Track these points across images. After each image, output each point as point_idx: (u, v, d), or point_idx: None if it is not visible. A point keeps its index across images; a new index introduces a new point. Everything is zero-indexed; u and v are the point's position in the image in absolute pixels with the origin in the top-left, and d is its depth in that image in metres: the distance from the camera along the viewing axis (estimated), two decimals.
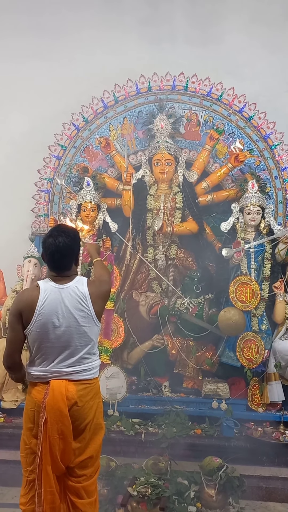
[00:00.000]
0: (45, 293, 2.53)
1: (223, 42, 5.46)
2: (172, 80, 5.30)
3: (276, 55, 5.50)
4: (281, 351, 4.55)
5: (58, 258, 2.58)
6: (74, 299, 2.54)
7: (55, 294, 2.53)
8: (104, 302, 2.70)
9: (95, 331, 2.61)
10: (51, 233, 2.63)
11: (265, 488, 3.91)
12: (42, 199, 5.39)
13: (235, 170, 5.15)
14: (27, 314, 2.51)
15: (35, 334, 2.51)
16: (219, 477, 3.66)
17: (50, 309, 2.50)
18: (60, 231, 2.63)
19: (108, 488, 3.68)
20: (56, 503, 2.46)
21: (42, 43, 5.71)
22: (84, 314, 2.54)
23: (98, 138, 5.32)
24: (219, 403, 4.49)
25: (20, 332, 2.55)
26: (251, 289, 4.59)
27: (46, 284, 2.58)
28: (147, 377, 4.82)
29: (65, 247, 2.57)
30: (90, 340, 2.57)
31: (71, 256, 2.63)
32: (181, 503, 3.60)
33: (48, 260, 2.62)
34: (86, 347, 2.56)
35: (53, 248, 2.57)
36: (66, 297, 2.53)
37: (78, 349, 2.53)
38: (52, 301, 2.52)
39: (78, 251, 2.71)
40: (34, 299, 2.51)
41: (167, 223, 4.93)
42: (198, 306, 4.85)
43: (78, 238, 2.70)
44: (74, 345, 2.53)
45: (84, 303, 2.54)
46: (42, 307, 2.50)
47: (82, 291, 2.56)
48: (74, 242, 2.64)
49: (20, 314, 2.53)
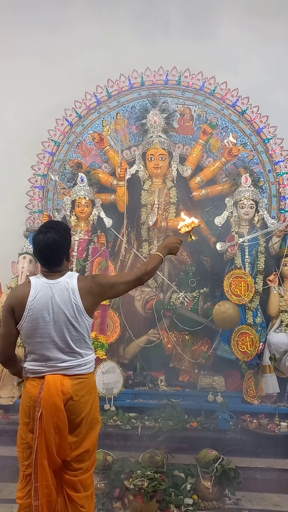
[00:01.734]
0: (36, 288, 2.54)
1: (215, 36, 5.46)
2: (165, 74, 5.29)
3: (268, 49, 5.50)
4: (275, 344, 4.58)
5: (48, 254, 2.59)
6: (64, 294, 2.54)
7: (46, 289, 2.55)
8: (94, 298, 2.64)
9: (86, 325, 2.60)
10: (40, 229, 2.63)
11: (260, 479, 3.95)
12: (36, 195, 5.38)
13: (228, 164, 5.16)
14: (19, 309, 2.53)
15: (27, 329, 2.53)
16: (215, 469, 3.69)
17: (40, 304, 2.52)
18: (50, 227, 2.63)
19: (105, 482, 3.72)
20: (53, 496, 2.47)
21: (35, 38, 5.69)
22: (74, 309, 2.54)
23: (91, 134, 5.31)
24: (214, 396, 4.52)
25: (13, 327, 2.57)
26: (246, 283, 4.61)
27: (37, 280, 2.59)
28: (143, 371, 4.84)
29: (55, 243, 2.58)
30: (81, 334, 2.57)
31: (61, 252, 2.63)
32: (178, 495, 3.64)
33: (39, 256, 2.63)
34: (78, 342, 2.56)
35: (42, 244, 2.57)
36: (56, 292, 2.54)
37: (70, 343, 2.54)
38: (42, 296, 2.53)
39: (68, 246, 2.71)
40: (25, 295, 2.53)
41: (162, 218, 4.94)
42: (193, 300, 4.87)
43: (68, 233, 2.69)
44: (66, 339, 2.54)
45: (74, 297, 2.55)
46: (33, 302, 2.52)
47: (71, 285, 2.57)
48: (64, 238, 2.63)
49: (12, 309, 2.55)
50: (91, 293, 2.61)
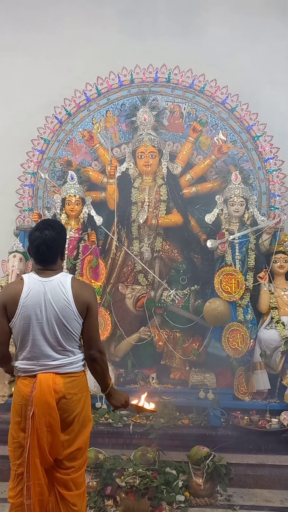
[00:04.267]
0: (29, 286, 2.53)
1: (204, 34, 5.44)
2: (155, 72, 5.27)
3: (257, 46, 5.50)
4: (266, 340, 4.61)
5: (44, 251, 2.59)
6: (58, 293, 2.54)
7: (39, 287, 2.54)
8: (86, 302, 2.60)
9: (76, 325, 2.59)
10: (37, 226, 2.67)
11: (252, 476, 3.98)
12: (26, 193, 5.34)
13: (218, 162, 5.17)
14: (11, 307, 2.52)
15: (19, 326, 2.52)
16: (207, 466, 3.70)
17: (33, 301, 2.51)
18: (47, 224, 2.66)
19: (96, 480, 3.72)
20: (45, 495, 2.47)
21: (23, 36, 5.64)
22: (65, 308, 2.54)
23: (81, 131, 5.28)
24: (206, 393, 4.54)
25: (5, 325, 2.55)
26: (236, 280, 4.63)
27: (30, 277, 2.58)
28: (134, 369, 4.85)
29: (51, 240, 2.59)
30: (73, 333, 2.57)
31: (57, 249, 2.64)
32: (170, 492, 3.65)
33: (34, 253, 2.63)
34: (69, 341, 2.56)
35: (39, 241, 2.58)
36: (49, 290, 2.53)
37: (62, 342, 2.54)
38: (35, 294, 2.52)
39: (64, 244, 2.73)
40: (17, 292, 2.52)
41: (152, 215, 4.94)
42: (184, 298, 4.88)
43: (65, 232, 2.72)
44: (57, 338, 2.53)
45: (66, 297, 2.54)
46: (25, 299, 2.50)
47: (65, 285, 2.56)
48: (60, 236, 2.65)
49: (4, 307, 2.54)
50: (84, 297, 2.59)
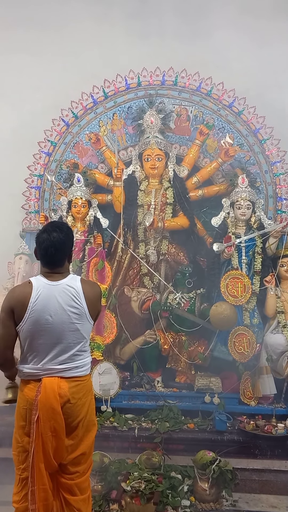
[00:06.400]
0: (38, 290, 2.52)
1: (212, 37, 5.42)
2: (162, 75, 5.27)
3: (265, 49, 5.47)
4: (272, 345, 4.58)
5: (52, 253, 2.58)
6: (67, 296, 2.53)
7: (48, 291, 2.53)
8: (97, 301, 2.68)
9: (87, 328, 2.61)
10: (45, 228, 2.65)
11: (258, 481, 3.95)
12: (33, 195, 5.36)
13: (225, 165, 5.16)
14: (19, 311, 2.51)
15: (27, 331, 2.51)
16: (212, 470, 3.68)
17: (42, 306, 2.50)
18: (55, 226, 2.65)
19: (101, 484, 3.70)
20: (49, 500, 2.46)
21: (30, 37, 5.63)
22: (77, 311, 2.54)
23: (88, 134, 5.29)
24: (211, 397, 4.52)
25: (12, 329, 2.54)
26: (242, 284, 4.60)
27: (39, 281, 2.57)
28: (139, 372, 4.83)
29: (60, 242, 2.58)
30: (82, 337, 2.57)
31: (65, 252, 2.64)
32: (175, 497, 3.63)
33: (42, 255, 2.62)
34: (78, 344, 2.56)
35: (47, 243, 2.57)
36: (59, 294, 2.53)
37: (70, 346, 2.53)
38: (44, 298, 2.51)
39: (72, 247, 2.72)
40: (26, 296, 2.51)
41: (158, 218, 4.93)
42: (190, 301, 4.86)
43: (72, 234, 2.71)
44: (66, 342, 2.52)
45: (78, 300, 2.54)
46: (35, 304, 2.49)
47: (75, 288, 2.56)
48: (68, 238, 2.65)
49: (12, 310, 2.52)
50: (95, 296, 2.63)
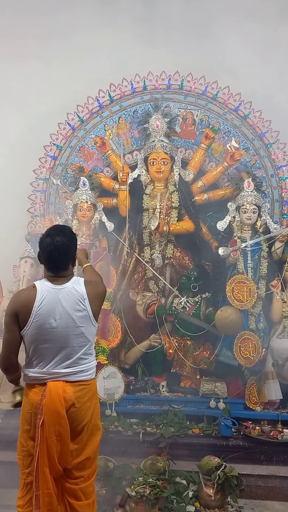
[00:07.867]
0: (42, 294, 2.52)
1: (217, 41, 5.42)
2: (167, 79, 5.27)
3: (271, 53, 5.46)
4: (278, 350, 4.55)
5: (56, 257, 2.58)
6: (72, 300, 2.53)
7: (52, 294, 2.53)
8: (101, 302, 2.70)
9: (92, 331, 2.61)
10: (48, 232, 2.64)
11: (263, 487, 3.93)
12: (38, 199, 5.36)
13: (231, 169, 5.14)
14: (24, 315, 2.50)
15: (32, 335, 2.50)
16: (218, 476, 3.66)
17: (47, 310, 2.50)
18: (58, 230, 2.65)
19: (106, 488, 3.69)
20: (54, 505, 2.45)
21: (37, 42, 5.65)
22: (81, 315, 2.53)
23: (93, 138, 5.30)
24: (217, 402, 4.50)
25: (17, 333, 2.54)
26: (248, 288, 4.58)
27: (43, 285, 2.57)
28: (144, 376, 4.81)
29: (63, 246, 2.58)
30: (87, 340, 2.57)
31: (69, 255, 2.64)
32: (180, 503, 3.62)
33: (46, 259, 2.62)
34: (83, 348, 2.55)
35: (51, 248, 2.57)
36: (63, 298, 2.52)
37: (75, 350, 2.53)
38: (49, 302, 2.51)
39: (75, 250, 2.72)
40: (31, 300, 2.51)
41: (164, 222, 4.92)
42: (195, 305, 4.84)
43: (75, 238, 2.71)
44: (71, 346, 2.52)
45: (82, 303, 2.54)
46: (39, 308, 2.49)
47: (79, 291, 2.56)
48: (71, 242, 2.65)
49: (16, 315, 2.52)
50: (99, 297, 2.65)
